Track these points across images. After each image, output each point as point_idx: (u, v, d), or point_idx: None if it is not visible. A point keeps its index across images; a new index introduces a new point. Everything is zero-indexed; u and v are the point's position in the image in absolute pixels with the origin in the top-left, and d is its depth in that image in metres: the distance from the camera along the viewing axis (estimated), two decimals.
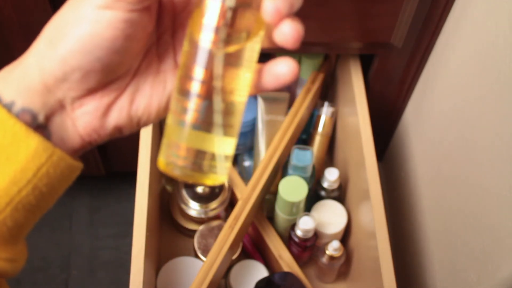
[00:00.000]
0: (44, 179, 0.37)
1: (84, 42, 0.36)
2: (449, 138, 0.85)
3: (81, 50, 0.36)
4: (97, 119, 0.39)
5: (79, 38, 0.36)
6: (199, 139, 0.37)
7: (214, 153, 0.37)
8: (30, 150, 0.36)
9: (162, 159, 0.38)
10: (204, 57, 0.36)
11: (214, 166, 0.37)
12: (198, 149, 0.37)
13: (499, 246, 0.69)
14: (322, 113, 0.99)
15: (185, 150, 0.37)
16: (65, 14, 0.38)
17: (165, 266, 0.92)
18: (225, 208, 0.94)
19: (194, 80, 0.37)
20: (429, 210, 0.93)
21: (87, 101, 0.38)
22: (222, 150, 0.38)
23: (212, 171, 0.37)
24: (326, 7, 0.79)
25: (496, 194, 0.69)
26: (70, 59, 0.36)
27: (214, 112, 0.37)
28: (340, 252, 0.88)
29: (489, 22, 0.72)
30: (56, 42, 0.38)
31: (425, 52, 0.90)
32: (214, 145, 0.37)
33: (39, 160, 0.36)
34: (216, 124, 0.37)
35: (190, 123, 0.37)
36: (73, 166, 0.39)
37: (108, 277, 1.19)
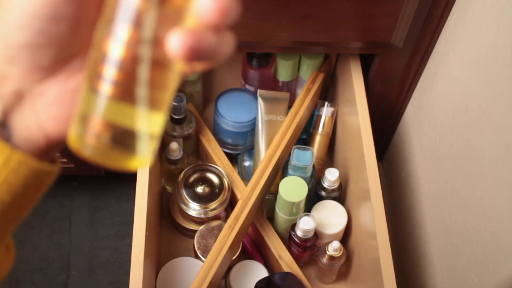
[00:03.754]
0: (3, 188, 0.31)
1: (18, 13, 0.30)
2: (449, 138, 0.85)
3: (18, 24, 0.30)
4: (65, 108, 0.32)
5: (13, 9, 0.30)
6: (118, 112, 0.30)
7: (136, 130, 0.31)
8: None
9: (73, 134, 0.31)
10: (132, 12, 0.29)
11: (135, 146, 0.31)
12: (116, 124, 0.31)
13: (499, 247, 0.69)
14: (322, 113, 0.99)
15: (100, 124, 0.30)
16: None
17: (165, 266, 0.91)
18: (225, 208, 0.94)
19: (116, 40, 0.30)
20: (429, 210, 0.93)
21: (49, 86, 0.32)
22: (146, 128, 0.31)
23: (132, 151, 0.31)
24: (326, 7, 0.79)
25: (497, 194, 0.69)
26: (10, 36, 0.30)
27: (139, 81, 0.30)
28: (340, 252, 0.88)
29: (489, 22, 0.72)
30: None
31: (426, 52, 0.90)
32: (136, 121, 0.31)
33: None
34: (141, 96, 0.30)
35: (108, 92, 0.30)
36: (41, 171, 0.32)
37: (108, 278, 1.19)
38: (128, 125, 0.31)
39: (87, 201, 1.27)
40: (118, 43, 0.30)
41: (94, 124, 0.30)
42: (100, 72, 0.30)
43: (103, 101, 0.30)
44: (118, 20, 0.30)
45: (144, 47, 0.30)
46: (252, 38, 0.83)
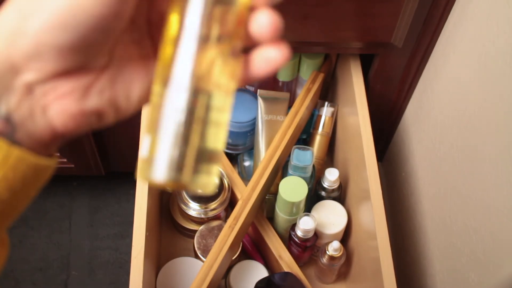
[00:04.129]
0: (2, 184, 0.31)
1: (64, 17, 0.29)
2: (449, 138, 0.85)
3: (60, 25, 0.29)
4: (76, 102, 0.32)
5: (59, 10, 0.29)
6: (185, 138, 0.32)
7: (202, 153, 0.32)
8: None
9: (141, 163, 0.32)
10: (194, 46, 0.32)
11: (201, 169, 0.33)
12: (184, 149, 0.32)
13: (500, 247, 0.69)
14: (322, 113, 0.99)
15: (168, 150, 0.32)
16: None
17: (165, 266, 0.91)
18: (225, 208, 0.94)
19: (180, 71, 0.32)
20: (429, 210, 0.93)
21: (62, 82, 0.32)
22: (210, 150, 0.33)
23: (199, 173, 0.33)
24: (326, 7, 0.79)
25: (497, 194, 0.69)
26: (45, 34, 0.30)
27: (203, 107, 0.32)
28: (340, 252, 0.88)
29: (489, 21, 0.72)
30: (29, 13, 0.30)
31: (426, 52, 0.90)
32: (202, 145, 0.32)
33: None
34: (205, 121, 0.32)
35: (174, 119, 0.32)
36: (39, 166, 0.33)
37: (108, 278, 1.19)
38: (195, 149, 0.32)
39: (87, 201, 1.27)
40: (183, 73, 0.32)
41: (162, 150, 0.32)
42: (167, 99, 0.32)
43: (169, 128, 0.32)
44: (182, 53, 0.32)
45: (208, 75, 0.32)
46: None
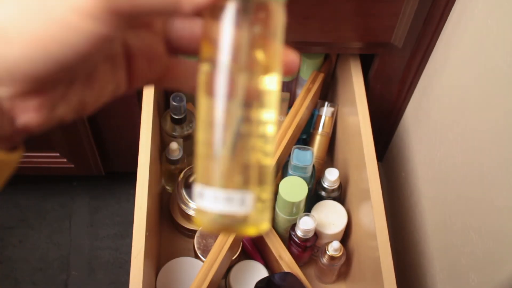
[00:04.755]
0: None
1: (48, 49, 0.28)
2: (449, 138, 0.85)
3: (41, 57, 0.28)
4: (43, 114, 0.32)
5: (42, 41, 0.28)
6: (236, 178, 0.31)
7: (254, 195, 0.31)
8: None
9: (199, 208, 0.31)
10: (242, 86, 0.30)
11: (254, 210, 0.31)
12: (236, 190, 0.31)
13: (500, 247, 0.69)
14: (322, 113, 0.99)
15: (221, 192, 0.30)
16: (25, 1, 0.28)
17: (165, 266, 0.91)
18: None
19: (221, 111, 0.30)
20: (429, 210, 0.93)
21: (31, 98, 0.31)
22: (262, 190, 0.31)
23: (252, 216, 0.31)
24: (326, 7, 0.79)
25: (497, 194, 0.69)
26: (24, 63, 0.29)
27: (251, 140, 0.31)
28: (340, 252, 0.88)
29: (489, 21, 0.72)
30: (10, 38, 0.28)
31: (426, 52, 0.90)
32: (254, 185, 0.31)
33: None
34: (254, 157, 0.31)
35: (222, 159, 0.30)
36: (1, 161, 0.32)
37: (108, 278, 1.19)
38: (247, 189, 0.31)
39: (87, 201, 1.27)
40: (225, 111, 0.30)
41: (215, 192, 0.30)
42: (213, 139, 0.30)
43: (219, 167, 0.30)
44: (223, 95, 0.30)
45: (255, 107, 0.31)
46: None
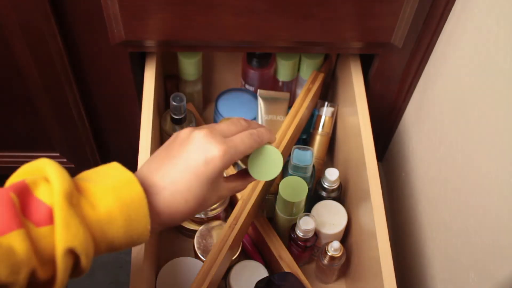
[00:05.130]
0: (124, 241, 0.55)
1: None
2: (449, 138, 0.85)
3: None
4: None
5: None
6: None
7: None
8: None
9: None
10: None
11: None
12: None
13: (499, 246, 0.69)
14: (322, 113, 0.99)
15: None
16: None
17: (165, 266, 0.91)
18: (225, 208, 0.94)
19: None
20: (429, 210, 0.93)
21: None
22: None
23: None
24: (326, 7, 0.79)
25: (497, 194, 0.69)
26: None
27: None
28: (340, 252, 0.88)
29: (489, 21, 0.72)
30: (186, 197, 0.56)
31: (426, 52, 0.90)
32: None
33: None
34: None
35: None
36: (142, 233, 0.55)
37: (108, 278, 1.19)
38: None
39: None
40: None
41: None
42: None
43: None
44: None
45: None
46: (252, 38, 0.83)
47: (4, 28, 0.80)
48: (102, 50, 0.85)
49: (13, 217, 0.47)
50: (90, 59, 0.88)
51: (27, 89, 0.93)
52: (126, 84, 0.92)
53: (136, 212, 0.52)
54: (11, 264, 0.46)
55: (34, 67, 0.87)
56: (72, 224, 0.48)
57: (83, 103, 0.97)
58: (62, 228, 0.48)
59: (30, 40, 0.82)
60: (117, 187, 0.52)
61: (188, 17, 0.79)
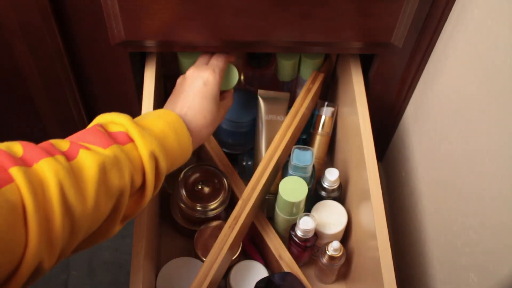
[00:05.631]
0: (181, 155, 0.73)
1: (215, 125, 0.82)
2: (449, 138, 0.85)
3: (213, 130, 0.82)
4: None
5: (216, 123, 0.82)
6: None
7: None
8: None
9: None
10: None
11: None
12: None
13: (499, 247, 0.69)
14: (322, 113, 0.99)
15: None
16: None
17: (165, 266, 0.91)
18: (225, 208, 0.94)
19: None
20: (429, 210, 0.93)
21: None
22: None
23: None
24: (326, 7, 0.79)
25: (497, 194, 0.69)
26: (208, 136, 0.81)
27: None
28: (340, 252, 0.88)
29: (489, 21, 0.72)
30: (208, 123, 0.78)
31: (426, 52, 0.90)
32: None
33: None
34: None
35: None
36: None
37: (108, 278, 1.19)
38: None
39: None
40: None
41: None
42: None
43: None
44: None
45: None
46: (252, 38, 0.83)
47: (4, 28, 0.80)
48: (102, 50, 0.85)
49: (108, 138, 0.62)
50: (90, 59, 0.88)
51: (27, 89, 0.93)
52: (126, 84, 0.92)
53: (180, 129, 0.71)
54: (119, 169, 0.60)
55: (34, 67, 0.87)
56: (146, 135, 0.65)
57: (83, 103, 0.97)
58: (141, 139, 0.64)
59: (30, 40, 0.82)
60: (160, 116, 0.72)
61: (188, 17, 0.79)
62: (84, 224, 0.56)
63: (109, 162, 0.59)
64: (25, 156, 0.54)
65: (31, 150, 0.55)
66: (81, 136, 0.62)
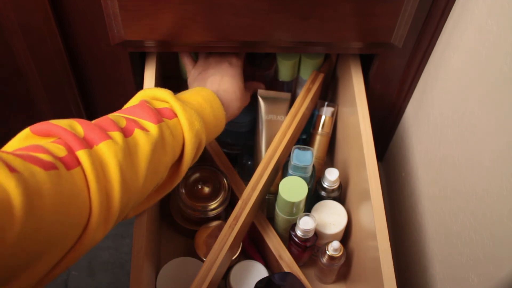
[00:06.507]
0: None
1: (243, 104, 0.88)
2: (449, 138, 0.85)
3: (242, 106, 0.87)
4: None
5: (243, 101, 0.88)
6: None
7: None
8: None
9: None
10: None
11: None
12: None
13: (499, 247, 0.69)
14: (322, 113, 0.99)
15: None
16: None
17: (165, 266, 0.91)
18: (225, 208, 0.94)
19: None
20: (429, 210, 0.93)
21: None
22: None
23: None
24: (326, 7, 0.79)
25: (497, 194, 0.69)
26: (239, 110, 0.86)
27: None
28: (340, 252, 0.88)
29: (489, 21, 0.72)
30: (233, 99, 0.85)
31: (426, 52, 0.90)
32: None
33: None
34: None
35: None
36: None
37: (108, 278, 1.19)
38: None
39: None
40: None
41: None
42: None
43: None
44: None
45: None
46: (252, 38, 0.83)
47: (4, 28, 0.80)
48: (102, 50, 0.85)
49: (157, 114, 0.68)
50: (90, 59, 0.88)
51: (27, 89, 0.93)
52: (126, 84, 0.92)
53: (214, 102, 0.77)
54: (163, 147, 0.66)
55: (34, 67, 0.87)
56: (187, 109, 0.71)
57: (83, 103, 0.97)
58: (183, 113, 0.70)
59: (30, 40, 0.82)
60: (197, 91, 0.78)
61: (188, 17, 0.79)
62: (134, 199, 0.63)
63: (158, 142, 0.65)
64: (87, 136, 0.60)
65: (92, 130, 0.60)
66: (134, 111, 0.68)
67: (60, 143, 0.57)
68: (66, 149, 0.56)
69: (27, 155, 0.52)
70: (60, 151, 0.56)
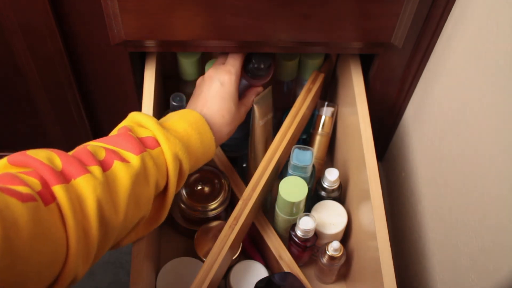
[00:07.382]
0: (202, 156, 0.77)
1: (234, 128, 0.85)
2: (449, 138, 0.85)
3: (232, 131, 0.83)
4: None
5: (235, 124, 0.84)
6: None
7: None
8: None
9: None
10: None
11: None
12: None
13: (499, 247, 0.69)
14: (322, 113, 0.99)
15: None
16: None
17: (165, 266, 0.91)
18: (225, 208, 0.94)
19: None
20: (429, 210, 0.93)
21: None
22: None
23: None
24: (326, 7, 0.79)
25: (497, 194, 0.69)
26: (228, 135, 0.83)
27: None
28: (340, 252, 0.88)
29: (489, 21, 0.72)
30: (225, 123, 0.82)
31: (426, 52, 0.90)
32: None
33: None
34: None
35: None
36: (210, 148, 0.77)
37: (108, 278, 1.19)
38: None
39: None
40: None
41: None
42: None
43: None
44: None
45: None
46: (252, 38, 0.83)
47: (4, 28, 0.80)
48: (102, 50, 0.85)
49: (139, 144, 0.66)
50: (90, 59, 0.88)
51: (27, 89, 0.93)
52: (126, 84, 0.92)
53: (202, 128, 0.74)
54: (146, 179, 0.64)
55: (34, 67, 0.87)
56: (171, 139, 0.68)
57: (83, 103, 0.97)
58: (166, 143, 0.68)
59: (30, 40, 0.82)
60: (183, 116, 0.75)
61: (188, 17, 0.79)
62: (114, 234, 0.62)
63: (139, 174, 0.63)
64: (64, 170, 0.57)
65: (70, 164, 0.58)
66: (114, 140, 0.66)
67: (35, 177, 0.55)
68: (40, 183, 0.54)
69: (4, 187, 0.50)
70: (35, 185, 0.54)
